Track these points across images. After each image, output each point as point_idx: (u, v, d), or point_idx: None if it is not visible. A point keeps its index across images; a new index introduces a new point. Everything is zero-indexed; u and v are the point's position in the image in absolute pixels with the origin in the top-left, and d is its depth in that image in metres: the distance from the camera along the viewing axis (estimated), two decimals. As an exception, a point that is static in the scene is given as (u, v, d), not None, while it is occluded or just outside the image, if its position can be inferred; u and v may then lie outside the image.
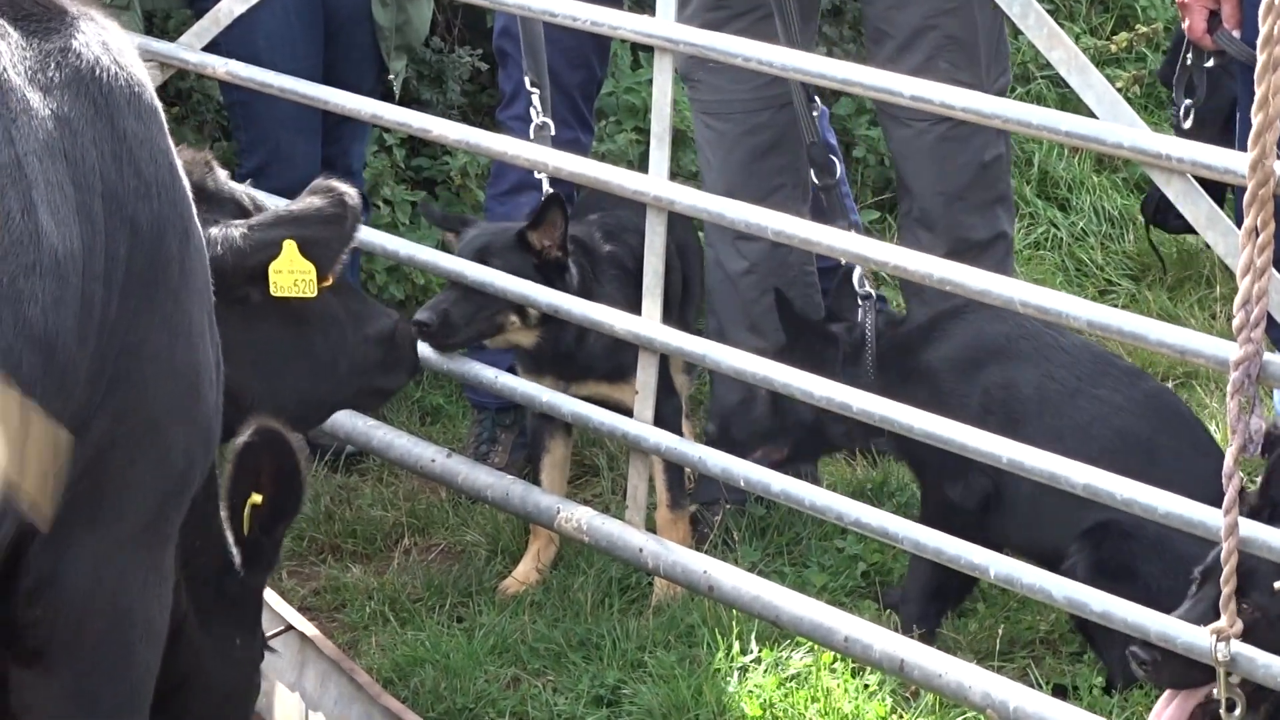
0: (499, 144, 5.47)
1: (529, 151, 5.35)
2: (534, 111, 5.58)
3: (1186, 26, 5.66)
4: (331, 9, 6.11)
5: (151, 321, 3.28)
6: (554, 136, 5.60)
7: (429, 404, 6.57)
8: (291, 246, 4.08)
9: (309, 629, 4.73)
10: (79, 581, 3.26)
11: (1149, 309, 7.03)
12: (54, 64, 3.19)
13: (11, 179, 3.01)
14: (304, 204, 4.21)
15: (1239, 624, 3.83)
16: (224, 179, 4.30)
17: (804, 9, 5.29)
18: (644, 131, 6.43)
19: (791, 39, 5.09)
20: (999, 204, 5.75)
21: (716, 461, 4.99)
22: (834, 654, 4.83)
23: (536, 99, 5.58)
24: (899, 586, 5.30)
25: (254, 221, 4.13)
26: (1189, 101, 5.61)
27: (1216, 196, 4.22)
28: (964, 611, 5.26)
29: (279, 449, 3.68)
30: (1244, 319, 3.68)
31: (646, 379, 5.10)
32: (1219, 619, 3.84)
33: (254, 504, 3.69)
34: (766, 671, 4.91)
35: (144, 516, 3.36)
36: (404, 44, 6.28)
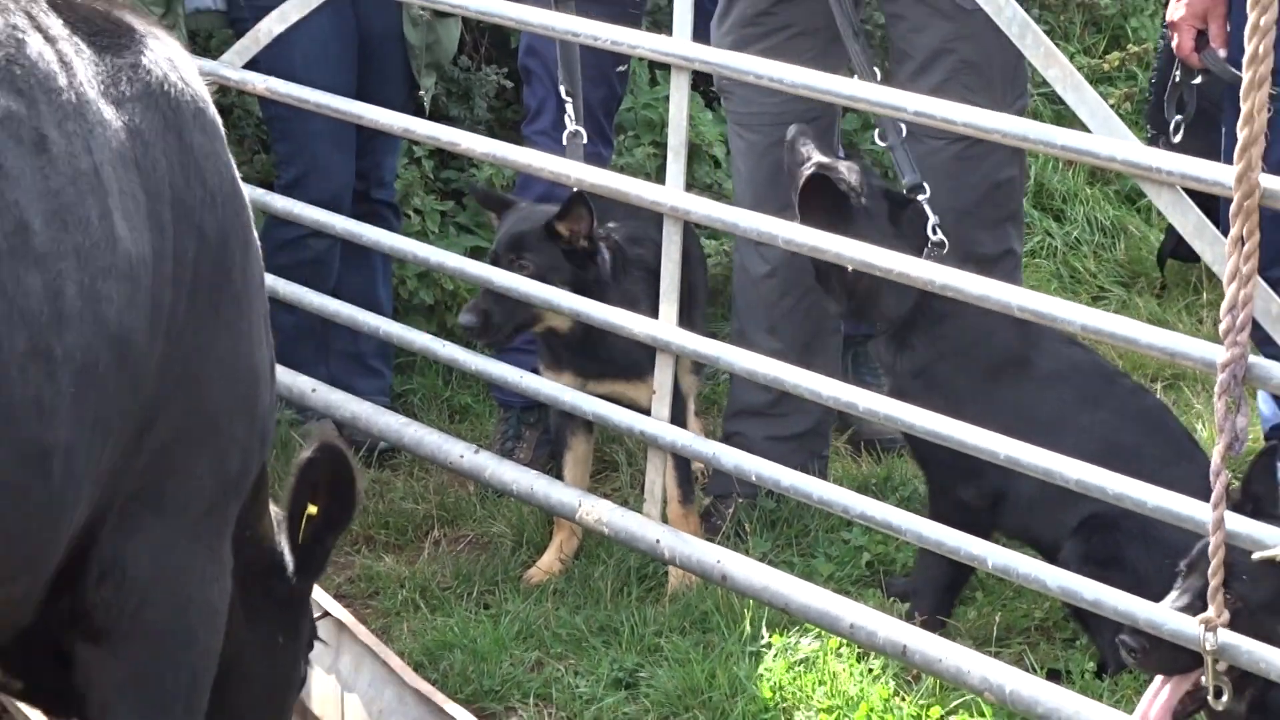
0: (523, 157, 5.46)
1: (552, 164, 5.34)
2: (568, 119, 5.57)
3: (1175, 45, 5.66)
4: (365, 28, 6.11)
5: (216, 325, 3.30)
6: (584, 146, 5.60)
7: (458, 403, 6.57)
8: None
9: (344, 615, 4.73)
10: (143, 566, 3.27)
11: (1139, 314, 7.01)
12: (125, 79, 3.21)
13: (90, 186, 3.03)
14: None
15: (1226, 614, 3.83)
16: None
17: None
18: (661, 145, 6.44)
19: (859, 56, 5.07)
20: (1009, 222, 5.74)
21: (729, 457, 5.00)
22: (840, 640, 4.82)
23: (570, 107, 5.58)
24: (902, 576, 5.30)
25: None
26: (1180, 116, 5.61)
27: (1205, 207, 4.21)
28: (963, 600, 5.25)
29: (338, 464, 3.69)
30: (1230, 323, 3.67)
31: (663, 379, 5.10)
32: (1204, 608, 3.84)
33: (310, 514, 3.71)
34: (776, 656, 4.90)
35: (204, 507, 3.37)
36: (433, 62, 6.28)
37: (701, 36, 5.02)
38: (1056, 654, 4.93)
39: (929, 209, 5.08)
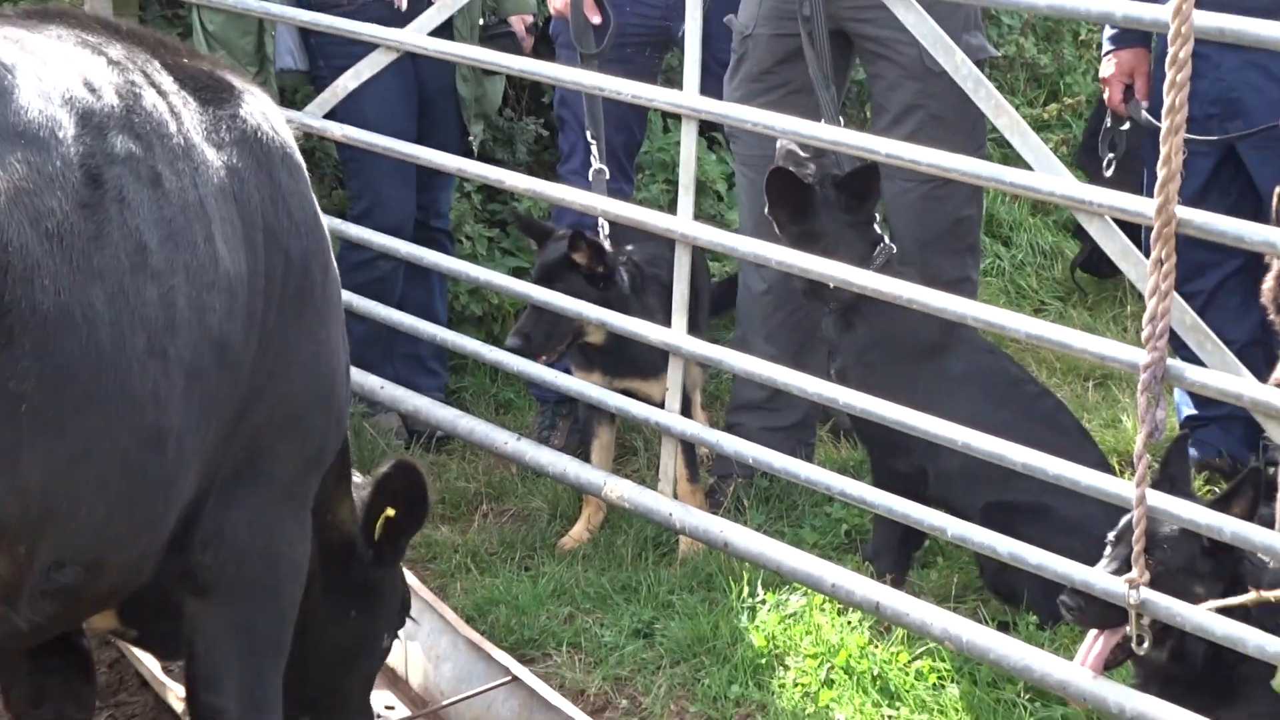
0: (557, 192, 5.46)
1: (581, 198, 5.35)
2: (593, 158, 5.58)
3: (1107, 97, 5.68)
4: (423, 84, 6.11)
5: (300, 332, 3.30)
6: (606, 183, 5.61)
7: (502, 398, 6.58)
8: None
9: (408, 576, 4.73)
10: (240, 532, 3.28)
11: (1074, 324, 7.00)
12: (225, 126, 3.22)
13: (197, 215, 3.04)
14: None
15: (1148, 575, 3.83)
16: None
17: (838, 82, 5.29)
18: (672, 183, 6.43)
19: (827, 104, 5.07)
20: (968, 253, 5.72)
21: (730, 444, 4.99)
22: (823, 597, 4.82)
23: (595, 149, 5.58)
24: (870, 543, 5.30)
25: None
26: (1111, 155, 5.62)
27: (1130, 234, 4.20)
28: (927, 563, 5.25)
29: (413, 479, 3.74)
30: (1151, 331, 3.67)
31: (675, 378, 5.09)
32: (1130, 570, 3.84)
33: (388, 516, 3.73)
34: (770, 611, 4.91)
35: (289, 482, 3.38)
36: (481, 112, 6.28)
37: (707, 90, 5.01)
38: (1005, 609, 4.92)
39: (884, 234, 5.08)
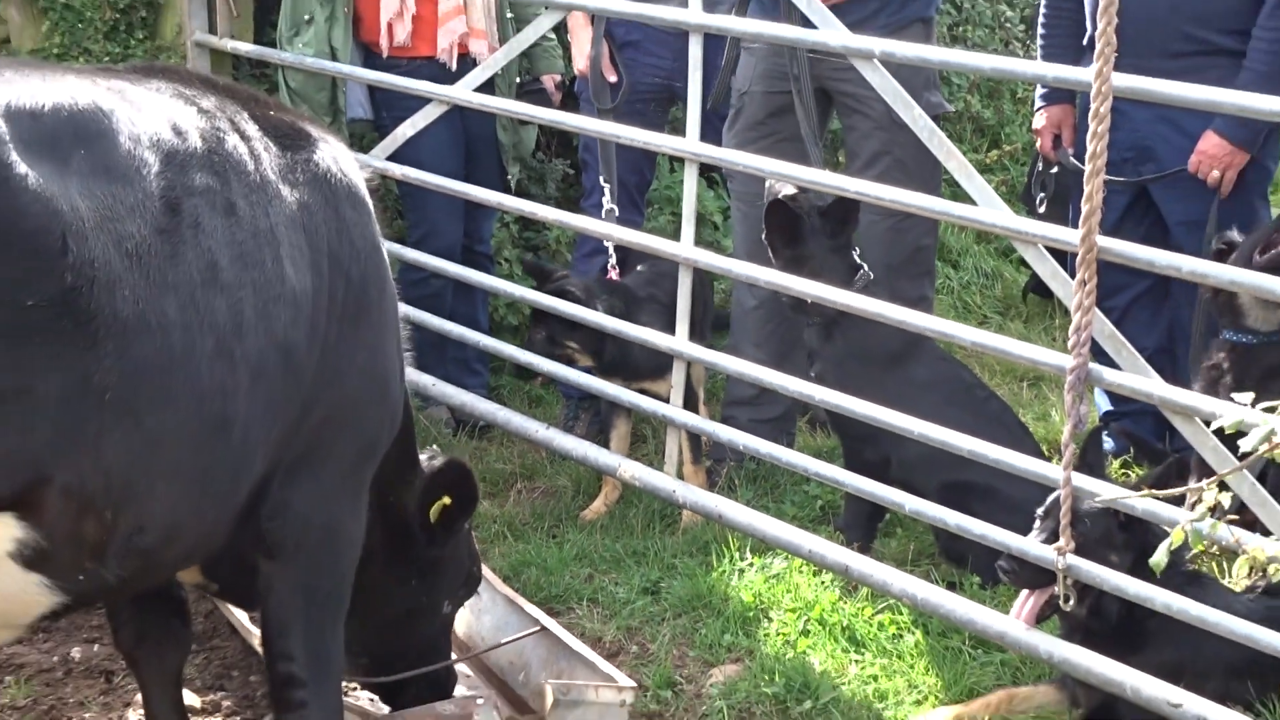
0: (581, 223, 5.47)
1: (601, 228, 5.36)
2: (605, 200, 5.58)
3: (1039, 145, 5.67)
4: (469, 132, 6.11)
5: (357, 342, 3.28)
6: (617, 218, 5.62)
7: (534, 394, 6.58)
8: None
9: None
10: (303, 506, 3.25)
11: (1012, 334, 6.98)
12: (299, 168, 3.21)
13: (267, 240, 3.03)
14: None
15: (1072, 544, 3.83)
16: None
17: (820, 129, 5.25)
18: (677, 215, 6.41)
19: (811, 144, 5.04)
20: (925, 276, 5.74)
21: (725, 433, 4.99)
22: (801, 560, 4.82)
23: (608, 191, 5.58)
24: (842, 517, 5.28)
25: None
26: (1043, 194, 5.62)
27: (1059, 259, 4.19)
28: (888, 533, 5.24)
29: (463, 474, 3.74)
30: (1076, 340, 3.68)
31: (678, 378, 5.09)
32: (1057, 539, 3.84)
33: (444, 504, 3.72)
34: (757, 572, 4.90)
35: (347, 466, 3.35)
36: (518, 155, 6.28)
37: (706, 137, 5.01)
38: (953, 572, 4.92)
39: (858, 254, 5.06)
